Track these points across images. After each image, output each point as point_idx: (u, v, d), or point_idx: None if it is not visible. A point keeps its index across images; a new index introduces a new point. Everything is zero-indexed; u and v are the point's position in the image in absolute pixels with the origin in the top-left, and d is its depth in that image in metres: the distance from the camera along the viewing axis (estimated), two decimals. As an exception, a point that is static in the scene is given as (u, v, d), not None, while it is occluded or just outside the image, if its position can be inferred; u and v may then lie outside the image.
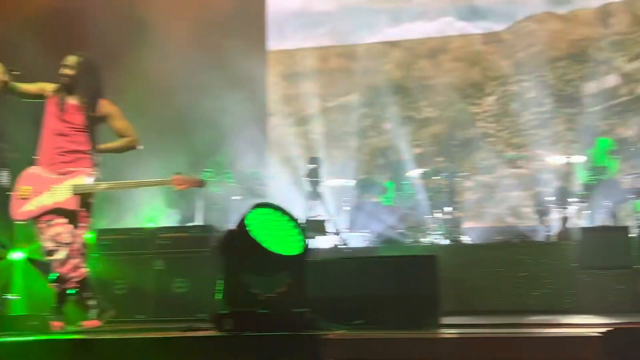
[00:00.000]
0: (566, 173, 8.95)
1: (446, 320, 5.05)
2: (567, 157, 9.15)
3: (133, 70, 8.87)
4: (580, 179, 9.22)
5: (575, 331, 3.98)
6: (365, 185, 9.54)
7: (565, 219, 8.58)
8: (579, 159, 9.25)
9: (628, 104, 11.29)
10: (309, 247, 4.46)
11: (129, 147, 5.39)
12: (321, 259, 5.46)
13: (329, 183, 9.83)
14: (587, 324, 4.48)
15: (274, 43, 12.11)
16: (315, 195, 8.89)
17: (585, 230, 7.76)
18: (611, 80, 11.38)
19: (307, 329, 3.90)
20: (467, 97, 11.87)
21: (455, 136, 11.59)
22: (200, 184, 5.41)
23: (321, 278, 4.97)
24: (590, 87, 11.41)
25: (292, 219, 4.20)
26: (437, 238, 8.80)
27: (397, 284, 4.82)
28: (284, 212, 4.20)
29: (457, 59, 12.01)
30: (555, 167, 9.29)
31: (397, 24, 12.23)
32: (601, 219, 8.61)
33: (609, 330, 3.49)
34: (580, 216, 9.10)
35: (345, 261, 5.62)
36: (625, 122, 11.24)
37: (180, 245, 6.68)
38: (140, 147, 5.43)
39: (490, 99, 11.79)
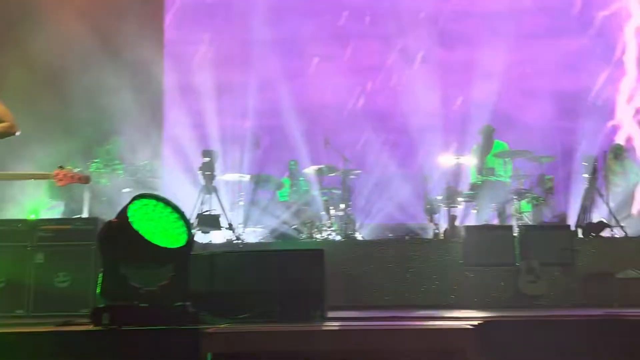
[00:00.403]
0: (456, 173, 9.27)
1: (334, 313, 5.14)
2: (457, 158, 9.46)
3: (18, 54, 8.43)
4: (469, 179, 9.59)
5: (452, 324, 4.13)
6: (260, 181, 9.52)
7: (453, 218, 8.88)
8: (469, 160, 9.59)
9: None
10: (195, 240, 4.38)
11: (7, 133, 5.12)
12: (209, 252, 5.39)
13: (223, 177, 9.74)
14: (464, 317, 4.66)
15: (172, 30, 11.85)
16: (209, 189, 8.79)
17: (471, 228, 8.08)
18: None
19: (188, 323, 3.84)
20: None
21: (340, 134, 11.75)
22: (84, 180, 5.13)
23: (209, 272, 4.93)
24: None
25: (177, 210, 4.12)
26: (330, 234, 8.91)
27: (285, 278, 4.83)
28: (167, 203, 4.11)
29: None
30: (445, 167, 9.61)
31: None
32: (487, 218, 9.00)
33: (480, 323, 3.64)
34: (467, 215, 9.48)
35: (233, 255, 5.58)
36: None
37: (62, 238, 6.43)
38: (18, 132, 5.17)
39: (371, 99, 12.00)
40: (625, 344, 3.79)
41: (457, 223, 8.93)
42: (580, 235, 8.59)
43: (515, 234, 7.98)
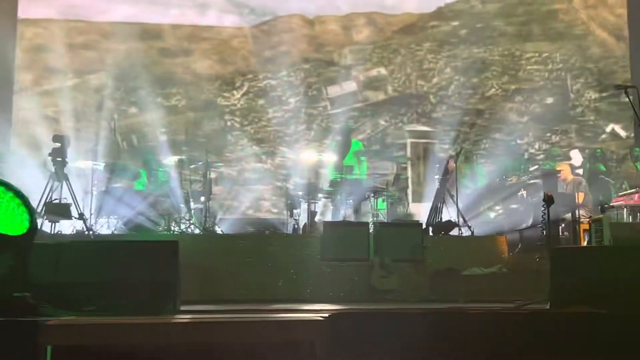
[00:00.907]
0: (316, 170, 9.43)
1: (190, 307, 5.04)
2: (319, 155, 9.63)
3: None
4: (329, 176, 9.79)
5: (303, 316, 4.19)
6: (115, 170, 9.16)
7: (312, 213, 9.02)
8: (329, 157, 9.79)
9: (364, 109, 12.30)
10: (42, 229, 4.13)
11: None
12: (55, 242, 5.11)
13: (76, 164, 9.27)
14: (316, 310, 4.75)
15: (24, 10, 11.15)
16: (59, 176, 8.33)
17: (328, 224, 8.25)
18: (351, 86, 12.36)
19: (27, 314, 3.62)
20: (217, 89, 12.02)
21: (203, 126, 11.69)
22: None
23: (54, 262, 4.67)
24: (333, 91, 12.28)
25: (19, 196, 3.86)
26: (189, 227, 8.76)
27: (136, 270, 4.68)
28: (8, 187, 3.85)
29: (210, 50, 12.11)
30: (306, 163, 9.75)
31: (155, 6, 12.01)
32: (344, 214, 9.22)
33: (330, 315, 3.73)
34: (326, 211, 9.68)
35: (81, 245, 5.33)
36: (362, 126, 12.21)
37: None
38: None
39: (238, 93, 12.07)
40: (467, 335, 4.01)
41: (316, 219, 9.07)
42: (430, 233, 9.02)
43: (370, 231, 8.23)
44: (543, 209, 6.03)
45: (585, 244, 8.42)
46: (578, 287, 4.57)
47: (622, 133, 13.10)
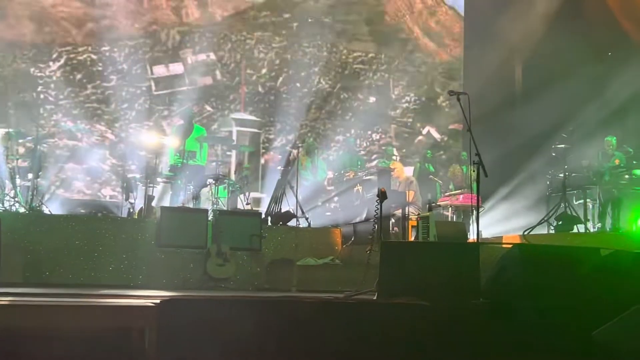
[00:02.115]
0: (156, 153, 9.20)
1: (10, 289, 4.75)
2: (160, 138, 9.40)
3: None
4: (169, 160, 9.59)
5: (134, 302, 4.09)
6: None
7: (149, 198, 8.81)
8: (171, 140, 9.60)
9: (190, 92, 12.18)
10: None
11: None
12: None
13: None
14: (148, 296, 4.66)
15: None
16: None
17: (166, 209, 8.09)
18: (177, 67, 12.17)
19: None
20: (31, 58, 11.32)
21: (11, 97, 10.99)
22: None
23: None
24: (159, 71, 12.02)
25: None
26: (13, 204, 8.21)
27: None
28: None
29: (26, 16, 11.36)
30: (145, 145, 9.49)
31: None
32: (183, 200, 9.09)
33: (162, 301, 3.68)
34: (164, 196, 9.48)
35: None
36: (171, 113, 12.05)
37: None
38: None
39: (55, 65, 11.46)
40: (298, 323, 4.12)
41: (153, 203, 8.86)
42: (269, 223, 9.14)
43: (209, 218, 8.19)
44: (376, 204, 6.30)
45: (412, 239, 8.92)
46: (404, 280, 4.83)
47: (437, 135, 14.06)
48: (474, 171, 6.23)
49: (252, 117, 12.58)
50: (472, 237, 8.28)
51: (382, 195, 6.34)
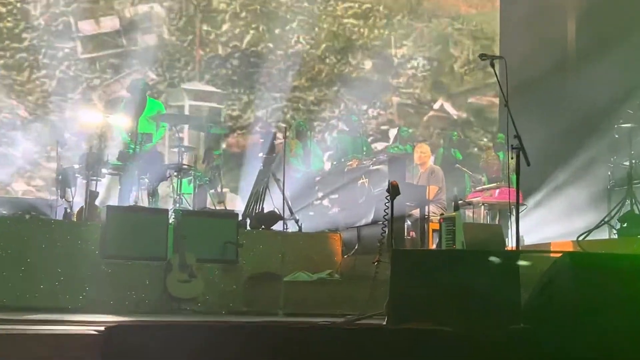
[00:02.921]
0: (100, 137, 9.20)
1: None
2: (105, 117, 9.40)
3: None
4: (118, 146, 9.60)
5: (74, 329, 4.12)
6: None
7: (93, 194, 8.83)
8: (119, 120, 9.59)
9: (127, 55, 12.12)
10: None
11: None
12: None
13: None
14: (91, 322, 4.68)
15: None
16: None
17: (113, 209, 8.10)
18: (111, 23, 12.02)
19: None
20: None
21: None
22: None
23: None
24: (87, 27, 11.87)
25: None
26: None
27: None
28: None
29: None
30: (86, 127, 9.51)
31: None
32: (136, 198, 9.11)
33: (109, 328, 3.70)
34: (111, 192, 9.49)
35: None
36: (123, 79, 11.97)
37: None
38: None
39: None
40: (285, 355, 4.14)
41: (97, 202, 8.89)
42: (248, 227, 9.17)
43: (170, 221, 8.20)
44: (387, 201, 6.32)
45: (434, 246, 8.94)
46: (422, 299, 4.84)
47: (453, 111, 14.05)
48: (512, 158, 6.25)
49: (210, 88, 12.57)
50: (510, 244, 8.31)
51: (394, 190, 6.36)
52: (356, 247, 9.15)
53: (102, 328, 3.79)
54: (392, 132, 13.25)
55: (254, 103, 12.59)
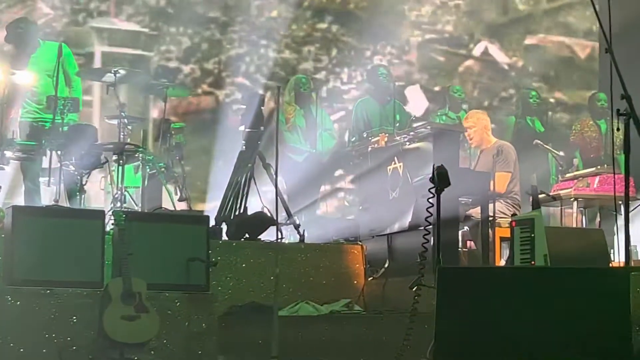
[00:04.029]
0: (3, 102, 9.25)
1: None
2: (10, 73, 9.44)
3: None
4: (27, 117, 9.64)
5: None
6: None
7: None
8: (29, 78, 9.63)
9: None
10: None
11: None
12: None
13: None
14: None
15: None
16: None
17: (22, 213, 8.11)
18: None
19: None
20: None
21: None
22: None
23: None
24: None
25: None
26: None
27: None
28: None
29: None
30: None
31: None
32: (56, 193, 9.12)
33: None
34: (18, 185, 9.52)
35: None
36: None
37: None
38: None
39: None
40: None
41: (-1, 202, 8.96)
42: (225, 236, 9.17)
43: (108, 228, 8.24)
44: (431, 196, 6.31)
45: (502, 262, 8.92)
46: (483, 341, 4.85)
47: (504, 58, 14.06)
48: (618, 129, 6.22)
49: (133, 27, 12.61)
50: (617, 257, 8.29)
51: (441, 180, 6.36)
52: (386, 265, 9.15)
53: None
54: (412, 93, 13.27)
55: (223, 47, 12.61)
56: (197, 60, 12.79)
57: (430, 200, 6.37)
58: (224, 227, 9.36)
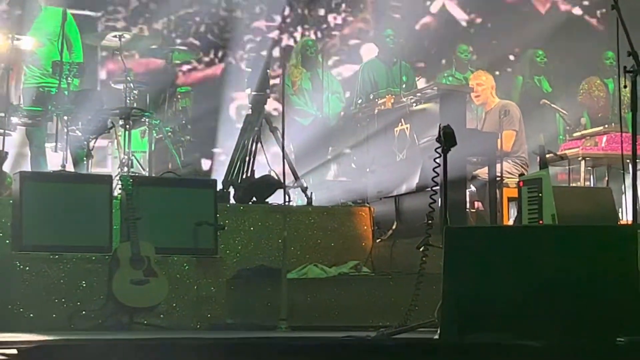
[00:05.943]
0: (7, 67, 9.22)
1: None
2: (15, 39, 9.41)
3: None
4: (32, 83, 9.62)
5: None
6: None
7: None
8: (35, 44, 9.62)
9: None
10: None
11: None
12: None
13: None
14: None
15: None
16: None
17: (30, 178, 8.12)
18: None
19: None
20: None
21: None
22: None
23: None
24: None
25: None
26: None
27: None
28: None
29: None
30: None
31: None
32: (63, 159, 9.12)
33: (21, 351, 3.73)
34: (25, 151, 9.52)
35: None
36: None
37: None
38: None
39: None
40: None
41: (6, 166, 8.95)
42: (232, 199, 9.17)
43: (116, 193, 8.26)
44: (438, 157, 6.29)
45: (510, 222, 8.91)
46: (492, 301, 4.84)
47: (462, 15, 13.99)
48: (625, 87, 6.20)
49: None
50: (625, 216, 8.28)
51: (448, 140, 6.33)
52: (394, 227, 9.15)
53: (14, 351, 3.81)
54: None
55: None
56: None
57: (436, 160, 6.34)
58: (232, 190, 9.37)
